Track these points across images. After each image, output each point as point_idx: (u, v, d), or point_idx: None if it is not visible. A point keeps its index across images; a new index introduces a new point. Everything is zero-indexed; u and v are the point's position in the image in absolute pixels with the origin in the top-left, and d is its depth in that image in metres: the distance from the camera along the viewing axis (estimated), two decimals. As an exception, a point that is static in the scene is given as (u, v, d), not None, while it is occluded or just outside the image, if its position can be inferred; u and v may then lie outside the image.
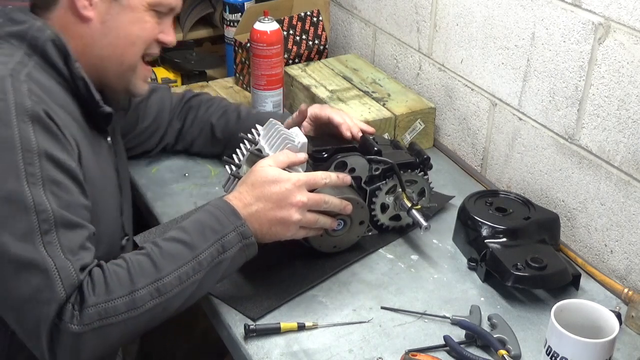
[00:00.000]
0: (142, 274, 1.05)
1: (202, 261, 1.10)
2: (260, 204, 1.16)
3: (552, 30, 1.37)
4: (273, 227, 1.18)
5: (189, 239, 1.11)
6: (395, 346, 1.16)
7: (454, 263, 1.36)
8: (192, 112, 1.59)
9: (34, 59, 1.14)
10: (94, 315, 1.00)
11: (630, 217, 1.27)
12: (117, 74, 1.24)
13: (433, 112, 1.71)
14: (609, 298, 1.30)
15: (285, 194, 1.17)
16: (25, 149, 1.02)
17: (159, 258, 1.07)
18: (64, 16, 1.19)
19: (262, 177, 1.18)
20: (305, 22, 2.00)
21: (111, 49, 1.21)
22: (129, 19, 1.20)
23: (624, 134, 1.25)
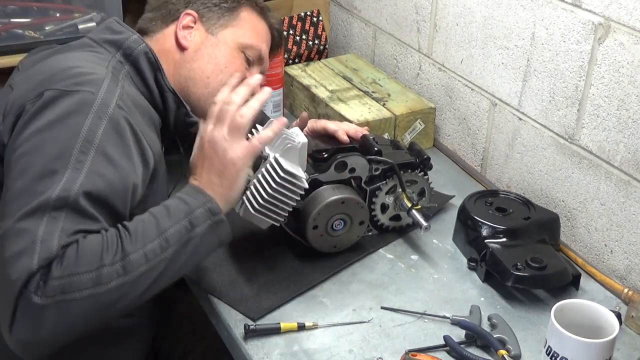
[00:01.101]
0: (109, 250, 1.03)
1: (169, 238, 1.07)
2: (204, 169, 1.17)
3: (552, 30, 1.37)
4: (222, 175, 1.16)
5: (155, 219, 1.09)
6: (395, 346, 1.16)
7: (454, 263, 1.36)
8: None
9: (126, 67, 1.25)
10: (57, 287, 0.98)
11: (630, 217, 1.27)
12: (200, 96, 1.34)
13: (433, 112, 1.71)
14: (609, 298, 1.30)
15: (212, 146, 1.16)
16: (86, 139, 1.06)
17: (125, 236, 1.06)
18: (163, 41, 1.35)
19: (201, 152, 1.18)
20: (305, 22, 2.00)
21: (199, 71, 1.34)
22: (221, 52, 1.35)
23: (624, 134, 1.25)
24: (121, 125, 1.12)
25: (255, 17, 1.41)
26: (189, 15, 1.35)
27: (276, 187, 1.20)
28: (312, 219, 1.28)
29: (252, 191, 1.22)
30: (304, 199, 1.28)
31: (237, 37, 1.37)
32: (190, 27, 1.35)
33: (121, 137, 1.11)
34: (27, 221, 1.00)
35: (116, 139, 1.10)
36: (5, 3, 1.91)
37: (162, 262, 1.07)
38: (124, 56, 1.25)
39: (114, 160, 1.08)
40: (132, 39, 1.27)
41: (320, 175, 1.31)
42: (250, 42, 1.38)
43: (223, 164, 1.16)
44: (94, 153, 1.07)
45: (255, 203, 1.20)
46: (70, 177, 1.03)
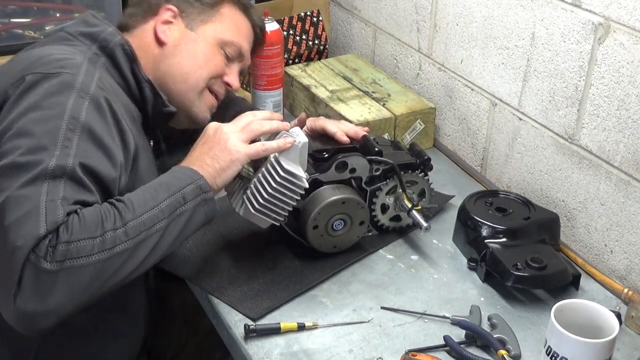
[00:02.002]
0: (110, 219, 1.05)
1: (164, 209, 1.09)
2: (200, 151, 1.19)
3: (552, 30, 1.37)
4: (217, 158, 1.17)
5: (149, 191, 1.11)
6: (395, 346, 1.16)
7: (454, 263, 1.36)
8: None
9: (102, 59, 1.24)
10: (65, 252, 0.99)
11: (630, 217, 1.27)
12: (180, 91, 1.34)
13: (433, 112, 1.71)
14: (609, 298, 1.30)
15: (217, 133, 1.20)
16: (72, 116, 1.08)
17: (121, 207, 1.07)
18: (142, 36, 1.33)
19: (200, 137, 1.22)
20: (305, 22, 2.00)
21: (178, 67, 1.33)
22: (200, 48, 1.34)
23: (624, 134, 1.25)
24: (102, 105, 1.13)
25: (237, 14, 1.40)
26: (169, 10, 1.34)
27: (276, 187, 1.20)
28: (313, 219, 1.28)
29: (253, 191, 1.22)
30: (304, 198, 1.28)
31: (217, 33, 1.36)
32: (170, 22, 1.34)
33: (102, 115, 1.12)
34: (27, 189, 1.01)
35: (99, 118, 1.11)
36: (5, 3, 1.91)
37: (157, 232, 1.09)
38: (100, 48, 1.25)
39: (100, 138, 1.10)
40: (107, 31, 1.27)
41: (320, 175, 1.31)
42: (230, 39, 1.37)
43: (220, 148, 1.18)
44: (81, 131, 1.08)
45: (255, 203, 1.20)
46: (62, 152, 1.05)
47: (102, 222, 1.03)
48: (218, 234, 1.41)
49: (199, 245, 1.37)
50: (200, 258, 1.34)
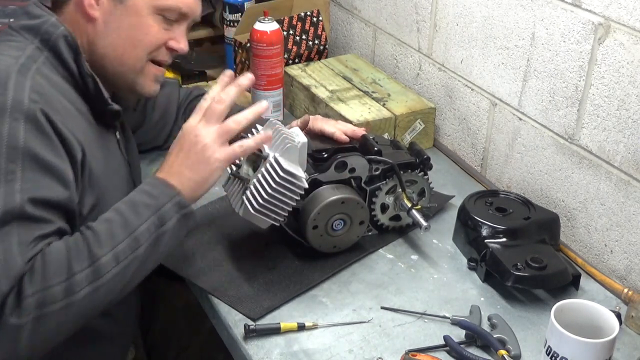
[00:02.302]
0: (78, 258, 1.01)
1: (138, 237, 1.06)
2: (178, 157, 1.14)
3: (552, 30, 1.37)
4: (195, 168, 1.14)
5: (121, 218, 1.07)
6: (395, 346, 1.16)
7: (454, 263, 1.36)
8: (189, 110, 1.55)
9: (45, 54, 1.16)
10: (31, 305, 0.97)
11: (630, 217, 1.27)
12: (117, 74, 1.24)
13: (433, 112, 1.71)
14: (609, 298, 1.30)
15: (193, 139, 1.14)
16: (10, 145, 1.02)
17: (93, 240, 1.03)
18: (73, 13, 1.21)
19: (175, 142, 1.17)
20: (305, 22, 2.00)
21: (111, 49, 1.22)
22: (132, 22, 1.21)
23: (624, 134, 1.25)
24: (39, 120, 1.06)
25: None
26: None
27: (276, 187, 1.20)
28: (312, 219, 1.28)
29: (252, 191, 1.22)
30: (304, 198, 1.28)
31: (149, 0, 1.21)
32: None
33: (42, 131, 1.06)
34: None
35: (39, 136, 1.05)
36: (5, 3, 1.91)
37: (134, 261, 1.06)
38: (42, 42, 1.16)
39: (44, 159, 1.04)
40: (50, 22, 1.17)
41: (320, 175, 1.31)
42: (165, 3, 1.22)
43: (199, 159, 1.14)
44: (22, 159, 1.02)
45: (255, 203, 1.20)
46: (6, 190, 0.99)
47: (70, 263, 1.00)
48: (218, 234, 1.40)
49: (199, 245, 1.37)
50: (200, 258, 1.34)
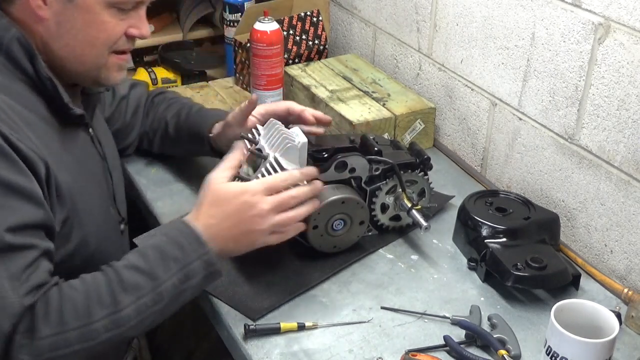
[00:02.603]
0: (100, 303, 1.01)
1: (162, 292, 1.06)
2: (223, 223, 1.13)
3: (552, 30, 1.37)
4: (239, 241, 1.15)
5: (149, 268, 1.06)
6: (395, 346, 1.16)
7: (454, 263, 1.36)
8: (154, 109, 1.56)
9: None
10: (45, 346, 0.96)
11: (630, 217, 1.27)
12: (79, 73, 1.19)
13: (433, 112, 1.71)
14: (609, 298, 1.30)
15: (245, 207, 1.13)
16: None
17: (117, 288, 1.02)
18: (23, 12, 1.13)
19: (219, 195, 1.14)
20: (305, 22, 2.00)
21: (69, 50, 1.15)
22: (85, 21, 1.13)
23: (624, 134, 1.25)
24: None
25: None
26: None
27: (276, 187, 1.20)
28: (312, 219, 1.28)
29: (252, 191, 1.22)
30: (304, 198, 1.28)
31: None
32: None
33: (2, 153, 1.00)
34: None
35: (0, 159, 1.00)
36: (5, 3, 1.90)
37: (153, 314, 1.06)
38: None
39: (11, 182, 1.00)
40: (1, 25, 1.11)
41: (320, 175, 1.31)
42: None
43: (247, 237, 1.14)
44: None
45: (255, 203, 1.20)
46: None
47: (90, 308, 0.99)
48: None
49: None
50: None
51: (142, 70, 2.10)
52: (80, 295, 1.01)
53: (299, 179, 1.18)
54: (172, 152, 1.58)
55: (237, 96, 1.99)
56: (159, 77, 2.07)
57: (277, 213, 1.15)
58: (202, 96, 1.98)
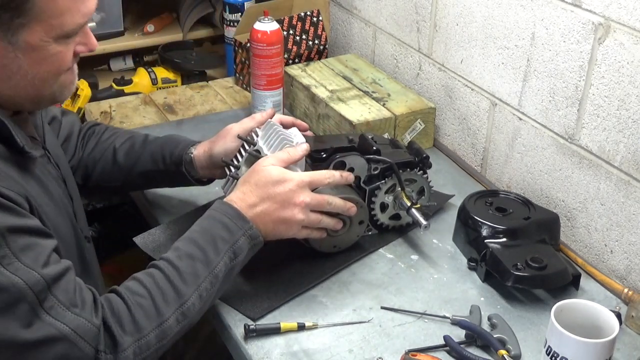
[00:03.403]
0: (166, 301, 1.06)
1: (217, 273, 1.12)
2: (264, 204, 1.17)
3: (552, 30, 1.37)
4: (277, 226, 1.19)
5: (203, 254, 1.11)
6: (395, 346, 1.16)
7: (454, 263, 1.36)
8: (95, 137, 1.46)
9: None
10: (130, 356, 1.01)
11: (630, 217, 1.27)
12: (34, 103, 1.13)
13: (433, 112, 1.71)
14: (609, 298, 1.30)
15: (289, 194, 1.18)
16: None
17: (178, 281, 1.08)
18: None
19: (265, 177, 1.18)
20: (305, 22, 2.00)
21: (19, 90, 1.07)
22: (33, 59, 1.04)
23: (624, 134, 1.25)
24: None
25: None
26: None
27: (276, 187, 1.20)
28: (312, 219, 1.28)
29: (252, 191, 1.22)
30: (304, 198, 1.28)
31: (45, 32, 1.03)
32: None
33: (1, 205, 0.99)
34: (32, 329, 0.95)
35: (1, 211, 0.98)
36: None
37: (211, 296, 1.12)
38: None
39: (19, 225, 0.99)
40: None
41: (320, 175, 1.31)
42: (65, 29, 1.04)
43: (284, 220, 1.19)
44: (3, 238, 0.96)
45: (255, 203, 1.20)
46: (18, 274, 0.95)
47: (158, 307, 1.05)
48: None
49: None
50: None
51: (142, 70, 2.10)
52: (146, 298, 1.05)
53: (339, 180, 1.25)
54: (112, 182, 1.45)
55: (237, 96, 1.99)
56: (159, 77, 2.07)
57: (312, 210, 1.21)
58: (202, 96, 1.98)
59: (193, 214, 1.45)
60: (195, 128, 1.79)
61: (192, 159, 1.36)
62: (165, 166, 1.39)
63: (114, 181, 1.44)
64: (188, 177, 1.37)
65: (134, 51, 2.24)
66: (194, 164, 1.37)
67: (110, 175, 1.44)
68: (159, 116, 1.88)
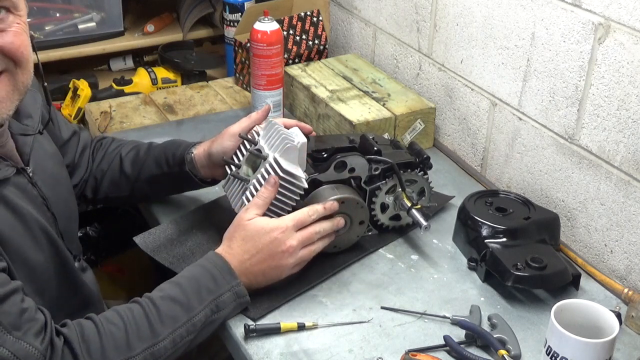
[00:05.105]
0: (139, 336, 1.05)
1: (196, 323, 1.11)
2: (254, 258, 1.19)
3: (552, 30, 1.37)
4: (267, 274, 1.21)
5: (185, 299, 1.11)
6: (395, 346, 1.16)
7: (454, 263, 1.36)
8: (102, 149, 1.48)
9: None
10: None
11: (630, 217, 1.27)
12: None
13: (433, 112, 1.71)
14: (609, 298, 1.30)
15: (275, 243, 1.19)
16: None
17: (155, 320, 1.07)
18: None
19: (250, 231, 1.19)
20: (305, 22, 2.00)
21: None
22: None
23: (624, 134, 1.25)
24: None
25: None
26: None
27: (276, 187, 1.20)
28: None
29: (252, 191, 1.22)
30: (304, 198, 1.28)
31: None
32: None
33: None
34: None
35: None
36: (4, 3, 1.90)
37: (185, 344, 1.11)
38: None
39: None
40: None
41: (319, 175, 1.31)
42: None
43: (276, 270, 1.20)
44: None
45: (255, 203, 1.20)
46: None
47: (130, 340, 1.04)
48: (218, 234, 1.40)
49: (199, 245, 1.37)
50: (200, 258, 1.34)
51: (142, 70, 2.10)
52: (120, 329, 1.04)
53: (323, 213, 1.24)
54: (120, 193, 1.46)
55: (237, 96, 1.99)
56: (159, 77, 2.07)
57: (302, 248, 1.22)
58: (202, 96, 1.98)
59: (193, 214, 1.45)
60: (195, 128, 1.79)
61: (193, 159, 1.37)
62: (169, 168, 1.40)
63: (122, 191, 1.45)
64: (192, 177, 1.38)
65: (134, 51, 2.24)
66: (195, 164, 1.37)
67: (118, 185, 1.45)
68: (159, 116, 1.88)
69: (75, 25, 2.08)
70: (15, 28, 1.05)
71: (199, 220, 1.43)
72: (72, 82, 1.97)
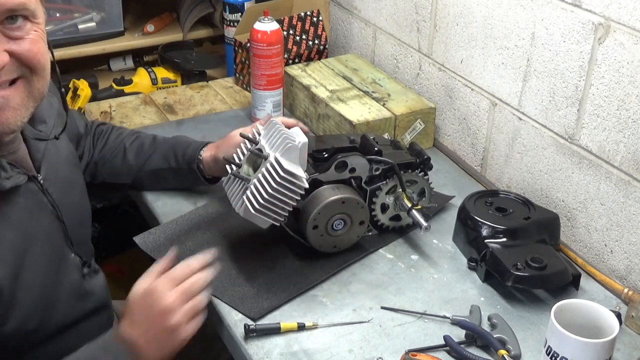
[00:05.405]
0: None
1: None
2: (140, 328, 1.09)
3: (552, 30, 1.37)
4: (162, 340, 1.09)
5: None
6: (395, 346, 1.16)
7: (454, 263, 1.36)
8: (103, 137, 1.48)
9: None
10: None
11: (630, 217, 1.27)
12: None
13: (433, 112, 1.71)
14: (609, 298, 1.30)
15: (151, 306, 1.09)
16: None
17: None
18: None
19: (131, 303, 1.10)
20: (305, 22, 2.00)
21: None
22: None
23: (624, 134, 1.25)
24: None
25: None
26: None
27: (276, 187, 1.20)
28: (312, 219, 1.28)
29: (253, 191, 1.22)
30: (304, 198, 1.28)
31: None
32: None
33: None
34: None
35: None
36: (4, 3, 1.90)
37: None
38: None
39: None
40: None
41: (320, 175, 1.31)
42: None
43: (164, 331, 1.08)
44: None
45: (255, 203, 1.20)
46: None
47: None
48: (218, 234, 1.40)
49: (199, 245, 1.37)
50: (200, 258, 1.34)
51: (142, 70, 2.10)
52: None
53: (197, 268, 1.13)
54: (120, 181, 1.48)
55: (237, 96, 1.99)
56: (159, 77, 2.07)
57: (185, 301, 1.10)
58: (202, 96, 1.98)
59: (193, 214, 1.45)
60: (195, 128, 1.79)
61: (201, 162, 1.44)
62: (178, 164, 1.45)
63: (123, 179, 1.49)
64: (199, 176, 1.44)
65: (134, 51, 2.24)
66: (202, 166, 1.44)
67: (118, 173, 1.48)
68: (159, 116, 1.88)
69: (75, 25, 2.08)
70: (32, 35, 1.05)
71: (199, 220, 1.43)
72: (72, 82, 1.97)
